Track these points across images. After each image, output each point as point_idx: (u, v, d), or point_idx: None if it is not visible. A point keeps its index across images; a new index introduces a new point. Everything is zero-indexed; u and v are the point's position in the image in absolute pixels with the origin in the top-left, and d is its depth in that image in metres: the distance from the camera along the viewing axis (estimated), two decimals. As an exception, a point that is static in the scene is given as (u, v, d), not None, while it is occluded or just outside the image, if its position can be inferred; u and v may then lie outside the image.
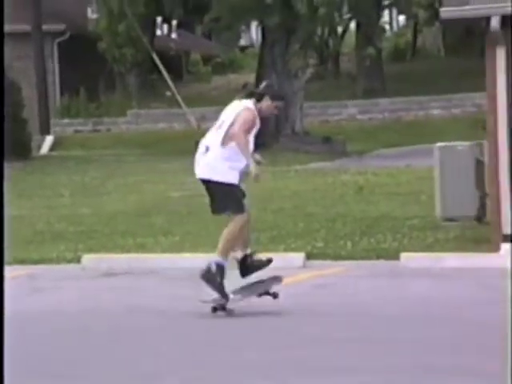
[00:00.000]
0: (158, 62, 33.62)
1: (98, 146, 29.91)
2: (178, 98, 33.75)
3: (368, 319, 8.66)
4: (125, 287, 10.36)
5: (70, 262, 11.69)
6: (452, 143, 14.21)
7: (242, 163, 8.55)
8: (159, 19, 36.83)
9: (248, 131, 8.53)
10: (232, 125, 8.41)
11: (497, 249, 11.57)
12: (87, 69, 32.89)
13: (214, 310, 8.34)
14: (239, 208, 8.60)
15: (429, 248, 12.01)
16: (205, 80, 39.76)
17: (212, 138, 8.64)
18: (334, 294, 10.09)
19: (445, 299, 9.50)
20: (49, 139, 30.29)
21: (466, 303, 9.42)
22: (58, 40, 32.71)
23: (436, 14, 15.88)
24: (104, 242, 12.77)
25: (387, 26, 43.20)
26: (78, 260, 11.61)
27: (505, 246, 11.43)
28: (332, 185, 18.74)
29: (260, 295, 8.58)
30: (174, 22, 38.80)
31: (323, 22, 28.68)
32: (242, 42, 41.15)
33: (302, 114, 27.95)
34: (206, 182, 8.65)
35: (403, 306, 9.16)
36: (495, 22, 11.64)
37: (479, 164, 13.26)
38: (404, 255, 11.51)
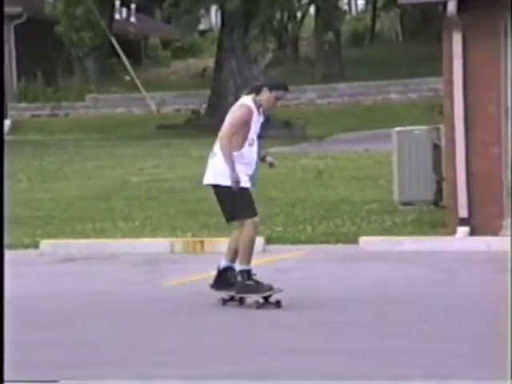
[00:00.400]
0: (116, 46, 33.62)
1: (56, 130, 29.95)
2: (137, 82, 33.78)
3: (324, 302, 8.82)
4: (83, 272, 10.42)
5: (27, 247, 11.67)
6: (409, 128, 14.44)
7: (249, 165, 8.29)
8: (118, 3, 36.91)
9: (235, 133, 8.19)
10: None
11: (453, 232, 11.83)
12: (45, 52, 32.83)
13: (278, 303, 8.16)
14: (249, 212, 8.27)
15: (387, 232, 12.21)
16: (164, 64, 39.86)
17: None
18: (292, 278, 10.21)
19: (401, 282, 9.71)
20: (5, 123, 30.29)
21: (421, 285, 9.63)
22: (14, 23, 32.50)
23: (394, -2, 16.16)
24: (62, 228, 12.78)
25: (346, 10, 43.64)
26: (35, 245, 11.60)
27: (461, 230, 11.70)
28: (292, 169, 18.95)
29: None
30: (133, 6, 38.91)
31: (282, 6, 28.98)
32: (202, 26, 41.14)
33: None
34: (213, 188, 8.40)
35: (360, 288, 9.32)
36: (452, 7, 11.75)
37: (436, 148, 13.50)
38: (362, 239, 11.69)
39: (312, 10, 36.78)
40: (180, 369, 6.29)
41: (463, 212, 11.78)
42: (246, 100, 8.21)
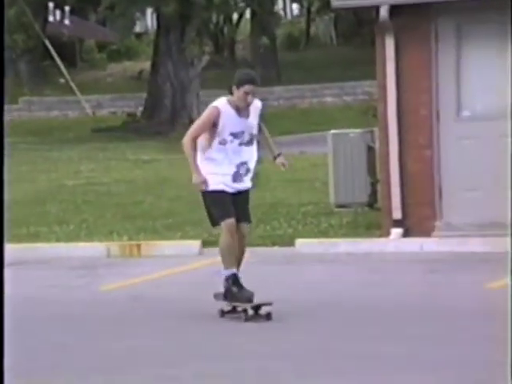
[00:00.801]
0: (50, 48, 33.56)
1: (-11, 133, 29.90)
2: (72, 85, 33.70)
3: None
4: (16, 277, 10.41)
5: (-39, 252, 11.68)
6: (344, 130, 14.70)
7: (223, 166, 7.98)
8: (51, 5, 36.74)
9: (200, 135, 8.00)
10: None
11: (387, 234, 12.06)
12: (-24, 55, 32.71)
13: (268, 315, 7.86)
14: (220, 214, 7.97)
15: (323, 234, 12.42)
16: (100, 67, 39.89)
17: None
18: None
19: (336, 284, 9.88)
20: None
21: (356, 287, 9.81)
22: None
23: (328, 3, 16.24)
24: (-4, 232, 12.79)
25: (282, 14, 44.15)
26: (-31, 250, 11.61)
27: (395, 231, 11.95)
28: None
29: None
30: (67, 8, 38.75)
31: (218, 9, 29.13)
32: (138, 29, 41.32)
33: (199, 102, 28.17)
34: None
35: (296, 290, 9.48)
36: (384, 11, 12.01)
37: (370, 150, 13.77)
38: (299, 241, 11.85)
39: (248, 13, 37.20)
40: (115, 374, 6.35)
41: (397, 214, 12.02)
42: (218, 101, 8.05)
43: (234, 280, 7.91)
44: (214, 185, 7.91)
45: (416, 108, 12.21)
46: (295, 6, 49.12)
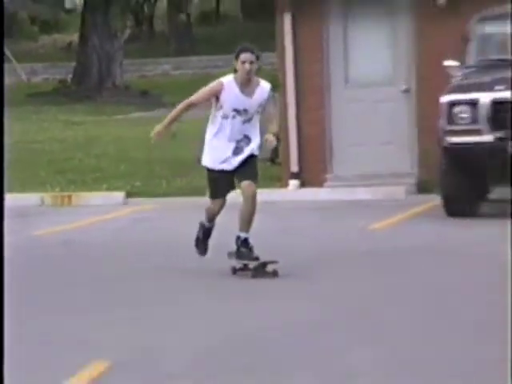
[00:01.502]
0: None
1: None
2: (8, 52, 33.04)
3: (179, 247, 8.93)
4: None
5: None
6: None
7: (212, 143, 7.39)
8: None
9: (197, 102, 7.49)
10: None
11: (286, 185, 12.37)
12: None
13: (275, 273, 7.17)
14: (211, 195, 7.53)
15: None
16: (32, 38, 39.39)
17: None
18: (150, 227, 10.41)
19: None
20: None
21: (265, 232, 9.95)
22: None
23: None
24: None
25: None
26: None
27: (292, 182, 12.26)
28: (150, 132, 19.32)
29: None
30: (3, -16, 37.91)
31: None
32: (67, 5, 41.19)
33: (122, 70, 28.19)
34: None
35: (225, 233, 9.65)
36: None
37: (273, 113, 13.99)
38: None
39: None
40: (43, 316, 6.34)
41: (294, 168, 12.30)
42: (225, 77, 7.47)
43: (202, 229, 7.56)
44: (212, 163, 7.39)
45: (310, 76, 12.36)
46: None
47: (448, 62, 10.51)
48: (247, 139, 7.45)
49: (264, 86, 7.42)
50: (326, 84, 11.81)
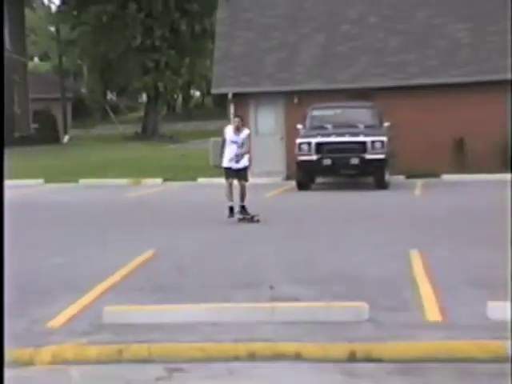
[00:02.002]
0: None
1: None
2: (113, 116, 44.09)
3: (190, 203, 18.27)
4: None
5: None
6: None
7: (228, 157, 13.19)
8: None
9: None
10: None
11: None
12: None
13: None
14: (226, 178, 13.31)
15: (208, 176, 22.32)
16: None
17: None
18: (178, 194, 19.61)
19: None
20: None
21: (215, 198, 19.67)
22: None
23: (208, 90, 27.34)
24: None
25: None
26: None
27: None
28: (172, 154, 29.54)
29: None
30: None
31: None
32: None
33: (161, 127, 42.01)
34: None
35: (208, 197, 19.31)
36: (230, 95, 22.77)
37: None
38: (200, 179, 21.97)
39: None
40: None
41: None
42: (228, 127, 13.59)
43: (229, 208, 13.30)
44: (224, 164, 13.34)
45: None
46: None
47: (299, 126, 20.89)
48: (237, 158, 13.15)
49: (246, 130, 13.33)
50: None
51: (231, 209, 12.99)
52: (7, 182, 19.19)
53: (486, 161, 21.48)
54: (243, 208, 12.97)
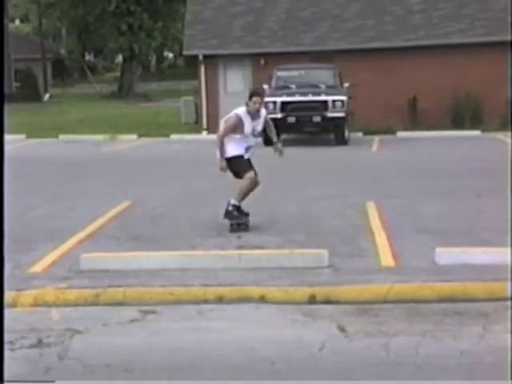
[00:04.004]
0: None
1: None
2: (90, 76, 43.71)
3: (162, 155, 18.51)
4: None
5: None
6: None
7: (242, 144, 8.45)
8: None
9: (228, 133, 8.33)
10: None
11: (201, 132, 22.15)
12: None
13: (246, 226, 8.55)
14: (245, 169, 8.53)
15: (181, 132, 22.35)
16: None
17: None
18: (151, 147, 20.07)
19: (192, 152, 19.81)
20: None
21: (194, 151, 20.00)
22: None
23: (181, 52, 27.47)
24: None
25: None
26: None
27: (204, 132, 22.19)
28: (150, 112, 29.31)
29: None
30: None
31: None
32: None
33: (137, 87, 41.62)
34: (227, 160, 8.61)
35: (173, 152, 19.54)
36: (200, 57, 22.75)
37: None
38: (172, 136, 22.03)
39: None
40: None
41: (204, 125, 22.22)
42: (239, 110, 8.41)
43: (237, 209, 8.58)
44: (237, 151, 8.42)
45: (212, 90, 22.22)
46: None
47: (265, 86, 20.97)
48: (251, 148, 8.57)
49: (263, 112, 8.53)
50: (217, 92, 22.49)
51: (240, 209, 8.65)
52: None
53: (437, 119, 21.60)
54: (239, 209, 8.68)
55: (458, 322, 5.52)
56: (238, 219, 8.49)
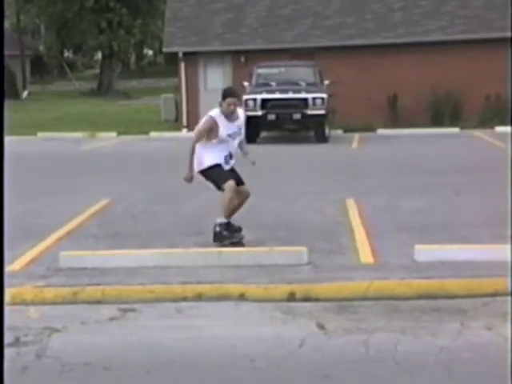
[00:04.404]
0: None
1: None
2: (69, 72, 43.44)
3: (145, 154, 18.50)
4: None
5: None
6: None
7: (220, 151, 7.44)
8: None
9: (202, 137, 7.35)
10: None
11: (181, 130, 22.04)
12: None
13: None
14: (223, 179, 7.44)
15: (160, 130, 22.31)
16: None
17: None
18: (134, 144, 19.79)
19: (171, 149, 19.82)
20: None
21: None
22: None
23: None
24: None
25: None
26: None
27: (184, 130, 22.00)
28: (130, 110, 29.25)
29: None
30: None
31: None
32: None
33: (117, 84, 41.56)
34: (200, 173, 7.61)
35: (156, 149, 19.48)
36: (180, 54, 22.74)
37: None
38: (152, 133, 21.93)
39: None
40: None
41: (185, 123, 22.15)
42: (213, 111, 7.44)
43: (227, 226, 7.51)
44: (212, 161, 7.40)
45: (191, 87, 22.05)
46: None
47: (245, 83, 20.96)
48: (231, 155, 7.47)
49: (241, 114, 7.51)
50: (197, 89, 22.41)
51: (230, 226, 7.64)
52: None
53: (417, 116, 21.71)
54: (227, 227, 7.61)
55: (437, 319, 5.56)
56: (229, 238, 7.48)
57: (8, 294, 6.18)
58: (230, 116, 7.43)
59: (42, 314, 5.88)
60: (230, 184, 7.42)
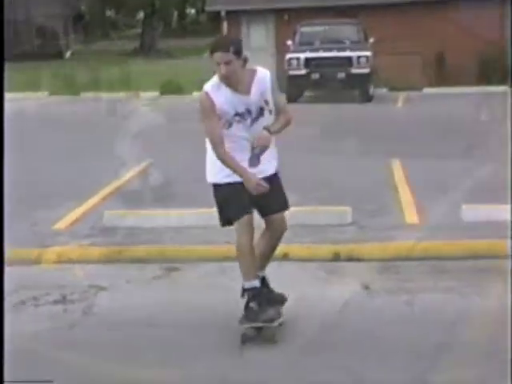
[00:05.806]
0: None
1: None
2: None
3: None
4: None
5: None
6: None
7: (235, 147, 4.56)
8: None
9: (215, 134, 4.52)
10: None
11: None
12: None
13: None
14: (234, 211, 4.58)
15: None
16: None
17: None
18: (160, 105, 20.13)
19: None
20: None
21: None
22: None
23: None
24: None
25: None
26: None
27: None
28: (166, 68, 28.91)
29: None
30: None
31: None
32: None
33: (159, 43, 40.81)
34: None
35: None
36: (223, 13, 22.38)
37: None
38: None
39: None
40: None
41: None
42: (208, 83, 4.48)
43: (254, 294, 4.55)
44: (223, 178, 4.59)
45: None
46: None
47: (288, 42, 20.81)
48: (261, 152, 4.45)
49: (260, 74, 4.53)
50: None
51: (265, 290, 4.75)
52: (16, 95, 19.03)
53: (465, 74, 21.35)
54: (256, 296, 4.60)
55: (484, 279, 5.52)
56: (255, 321, 4.54)
57: (54, 252, 6.31)
58: (233, 84, 4.42)
59: (87, 272, 5.98)
60: (243, 222, 4.51)
